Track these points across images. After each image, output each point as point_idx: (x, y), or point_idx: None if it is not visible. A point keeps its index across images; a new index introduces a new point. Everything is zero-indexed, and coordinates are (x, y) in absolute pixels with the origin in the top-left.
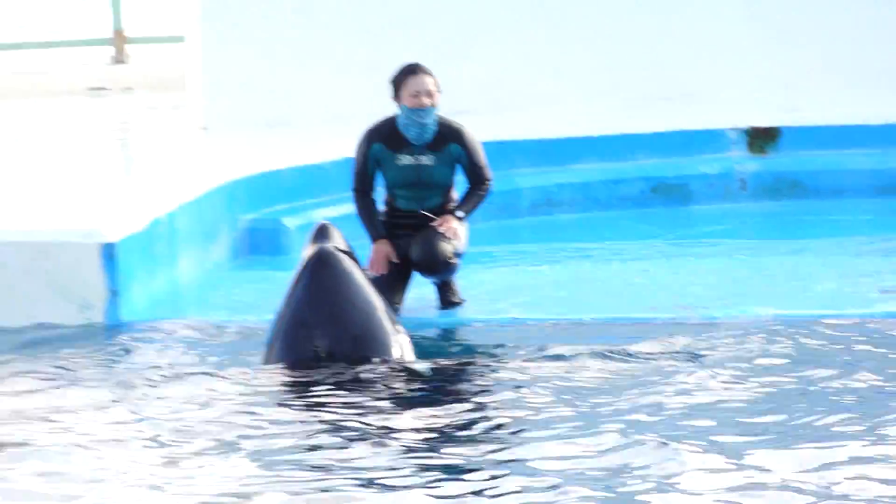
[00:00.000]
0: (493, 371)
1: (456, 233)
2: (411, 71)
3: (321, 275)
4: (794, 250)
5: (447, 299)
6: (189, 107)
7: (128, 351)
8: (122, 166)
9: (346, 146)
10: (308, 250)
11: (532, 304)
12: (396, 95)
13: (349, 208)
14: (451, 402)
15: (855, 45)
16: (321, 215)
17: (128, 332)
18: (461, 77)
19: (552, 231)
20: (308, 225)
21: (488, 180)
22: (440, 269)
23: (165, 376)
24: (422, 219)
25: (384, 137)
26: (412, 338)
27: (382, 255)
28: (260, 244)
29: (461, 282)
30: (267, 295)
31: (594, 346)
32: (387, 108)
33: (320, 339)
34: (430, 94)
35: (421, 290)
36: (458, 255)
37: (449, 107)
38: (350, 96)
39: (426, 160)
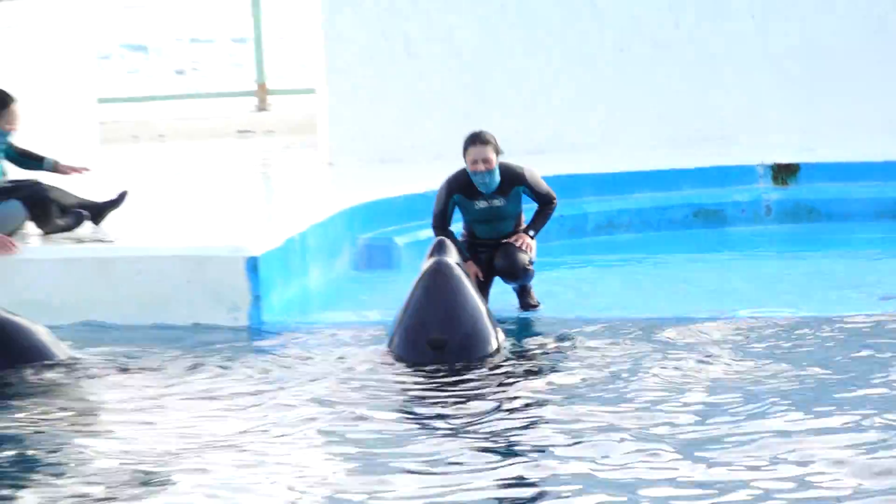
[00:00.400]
0: (567, 357)
1: (530, 246)
2: (472, 141)
3: (437, 282)
4: (810, 264)
5: (526, 303)
6: (318, 146)
7: (268, 345)
8: (264, 194)
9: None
10: (427, 261)
11: (596, 305)
12: (464, 158)
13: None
14: (529, 389)
15: (860, 98)
16: (425, 235)
17: (268, 330)
18: (540, 121)
19: (612, 248)
20: (414, 243)
21: (554, 200)
22: (520, 274)
23: (299, 366)
24: (498, 240)
25: (461, 188)
26: (505, 333)
27: (472, 273)
28: (375, 258)
29: (537, 289)
30: (381, 300)
31: (647, 340)
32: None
33: (435, 335)
34: (486, 161)
35: (505, 296)
36: (531, 262)
37: (530, 146)
38: (448, 137)
39: (497, 202)
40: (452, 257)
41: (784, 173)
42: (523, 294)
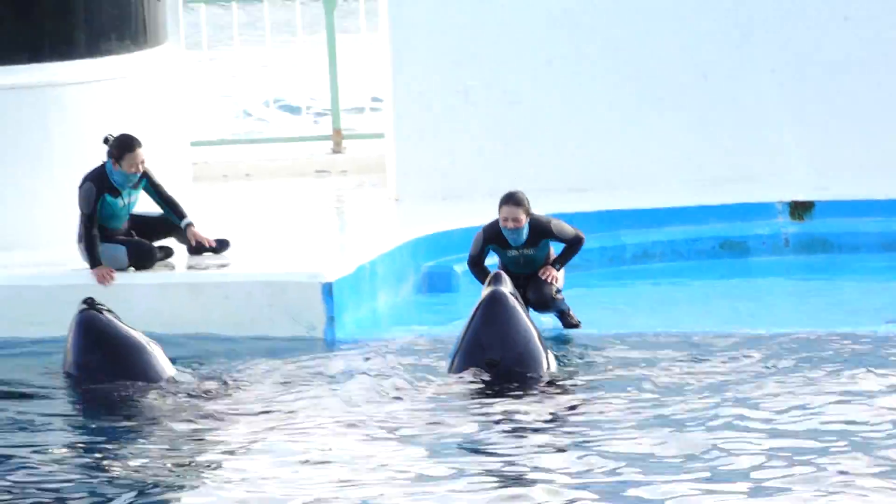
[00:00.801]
0: (609, 371)
1: (556, 277)
2: (505, 201)
3: (494, 309)
4: (824, 291)
5: (568, 322)
6: (386, 184)
7: (342, 361)
8: (338, 227)
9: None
10: (486, 290)
11: (633, 323)
12: (498, 212)
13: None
14: (579, 402)
15: (868, 142)
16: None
17: (341, 347)
18: (583, 161)
19: (648, 275)
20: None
21: (581, 240)
22: (549, 304)
23: (370, 379)
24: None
25: (495, 239)
26: (555, 354)
27: None
28: (436, 284)
29: (581, 313)
30: (441, 321)
31: (679, 351)
32: (528, 182)
33: (491, 355)
34: (516, 220)
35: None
36: (559, 291)
37: (573, 184)
38: (501, 176)
39: (528, 251)
40: (507, 287)
41: (801, 210)
42: (563, 316)
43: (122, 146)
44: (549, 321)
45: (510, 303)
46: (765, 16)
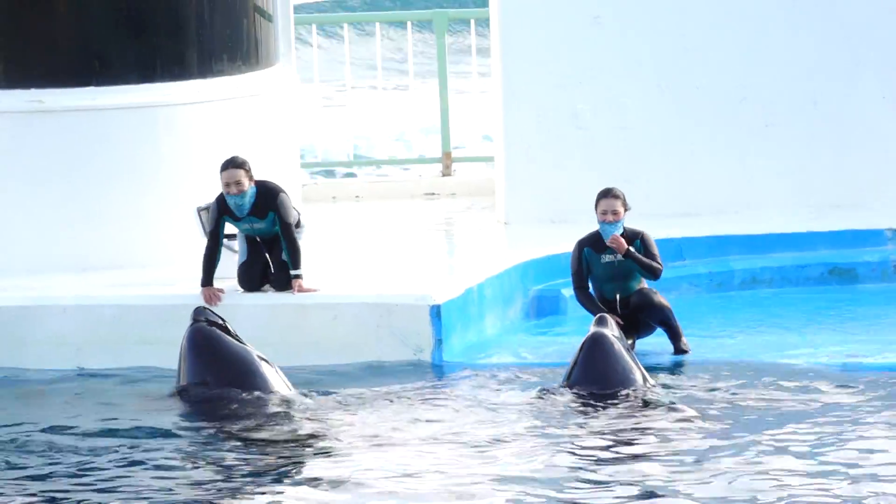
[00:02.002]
0: (713, 402)
1: (621, 241)
2: (604, 195)
3: (595, 352)
4: None
5: (679, 348)
6: (495, 208)
7: (449, 383)
8: (446, 249)
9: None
10: (591, 329)
11: (742, 351)
12: (595, 209)
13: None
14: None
15: None
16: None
17: (449, 370)
18: (692, 186)
19: (756, 302)
20: None
21: (660, 269)
22: (655, 306)
23: (476, 403)
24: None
25: (591, 243)
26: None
27: (614, 320)
28: (544, 308)
29: (689, 339)
30: (549, 344)
31: (790, 381)
32: (636, 207)
33: (590, 390)
34: (615, 213)
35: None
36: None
37: (681, 209)
38: None
39: (620, 258)
40: (611, 329)
41: None
42: (674, 336)
43: (221, 167)
44: (654, 342)
45: (610, 343)
46: (875, 42)
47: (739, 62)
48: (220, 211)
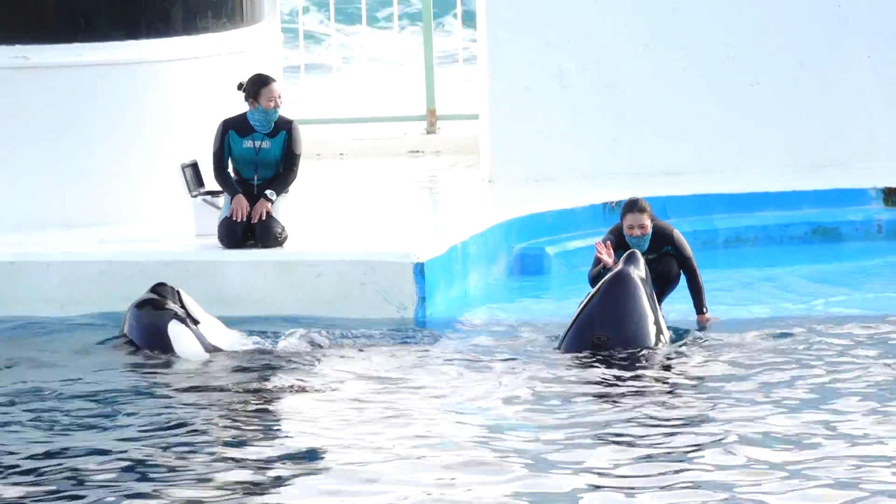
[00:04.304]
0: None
1: (711, 320)
2: (629, 209)
3: (615, 290)
4: None
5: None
6: (480, 166)
7: (433, 339)
8: (430, 207)
9: (593, 196)
10: (616, 266)
11: (732, 307)
12: (621, 221)
13: (594, 240)
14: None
15: None
16: (574, 245)
17: (432, 328)
18: (678, 146)
19: (740, 259)
20: (563, 253)
21: (697, 271)
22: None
23: (459, 359)
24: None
25: (622, 246)
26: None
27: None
28: (528, 266)
29: (676, 297)
30: (532, 302)
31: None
32: (621, 166)
33: (600, 335)
34: (642, 227)
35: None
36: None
37: (668, 167)
38: (596, 159)
39: (650, 257)
40: (638, 270)
41: (894, 196)
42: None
43: (258, 83)
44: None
45: (633, 284)
46: (861, 1)
47: (726, 22)
48: (226, 126)
